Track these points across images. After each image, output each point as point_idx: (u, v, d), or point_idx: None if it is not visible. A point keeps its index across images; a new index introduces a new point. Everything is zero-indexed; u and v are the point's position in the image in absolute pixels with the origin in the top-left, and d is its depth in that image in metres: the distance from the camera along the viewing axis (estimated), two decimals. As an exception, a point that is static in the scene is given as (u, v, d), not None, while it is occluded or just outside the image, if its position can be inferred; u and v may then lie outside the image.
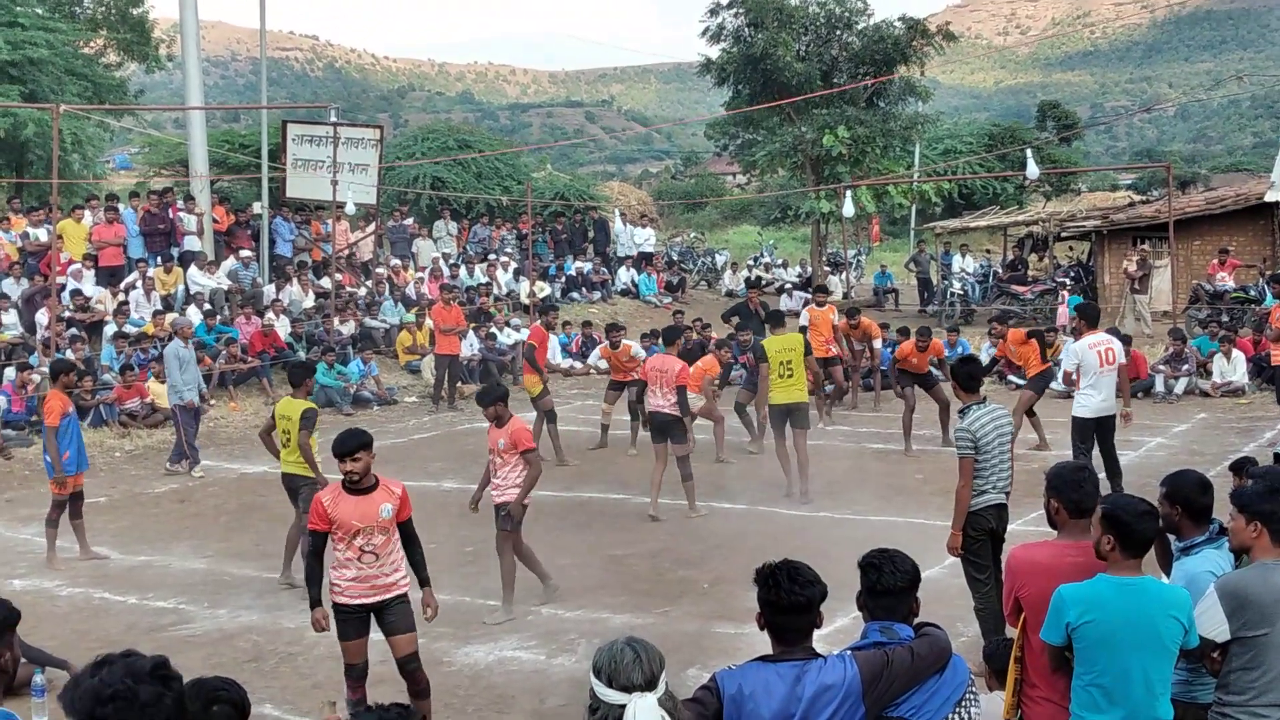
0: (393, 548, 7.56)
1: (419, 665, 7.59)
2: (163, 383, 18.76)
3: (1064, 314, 27.49)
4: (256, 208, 26.55)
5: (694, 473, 13.84)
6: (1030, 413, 16.41)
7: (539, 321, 18.89)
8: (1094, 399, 12.80)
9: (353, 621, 7.56)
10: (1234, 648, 4.93)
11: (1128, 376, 13.47)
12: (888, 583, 4.50)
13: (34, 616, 9.69)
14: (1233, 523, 5.14)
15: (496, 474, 10.31)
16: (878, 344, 21.06)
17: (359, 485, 7.52)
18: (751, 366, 17.58)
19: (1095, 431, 12.88)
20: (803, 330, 19.33)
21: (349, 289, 25.55)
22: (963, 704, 4.38)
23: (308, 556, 7.88)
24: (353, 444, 7.50)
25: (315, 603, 7.67)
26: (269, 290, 24.25)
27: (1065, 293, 28.65)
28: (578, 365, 25.50)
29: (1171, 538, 5.67)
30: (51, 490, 12.66)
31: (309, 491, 10.90)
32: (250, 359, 21.42)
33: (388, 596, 7.54)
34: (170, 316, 21.63)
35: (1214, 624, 4.93)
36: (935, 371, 17.96)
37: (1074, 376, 13.04)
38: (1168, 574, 5.66)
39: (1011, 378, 21.04)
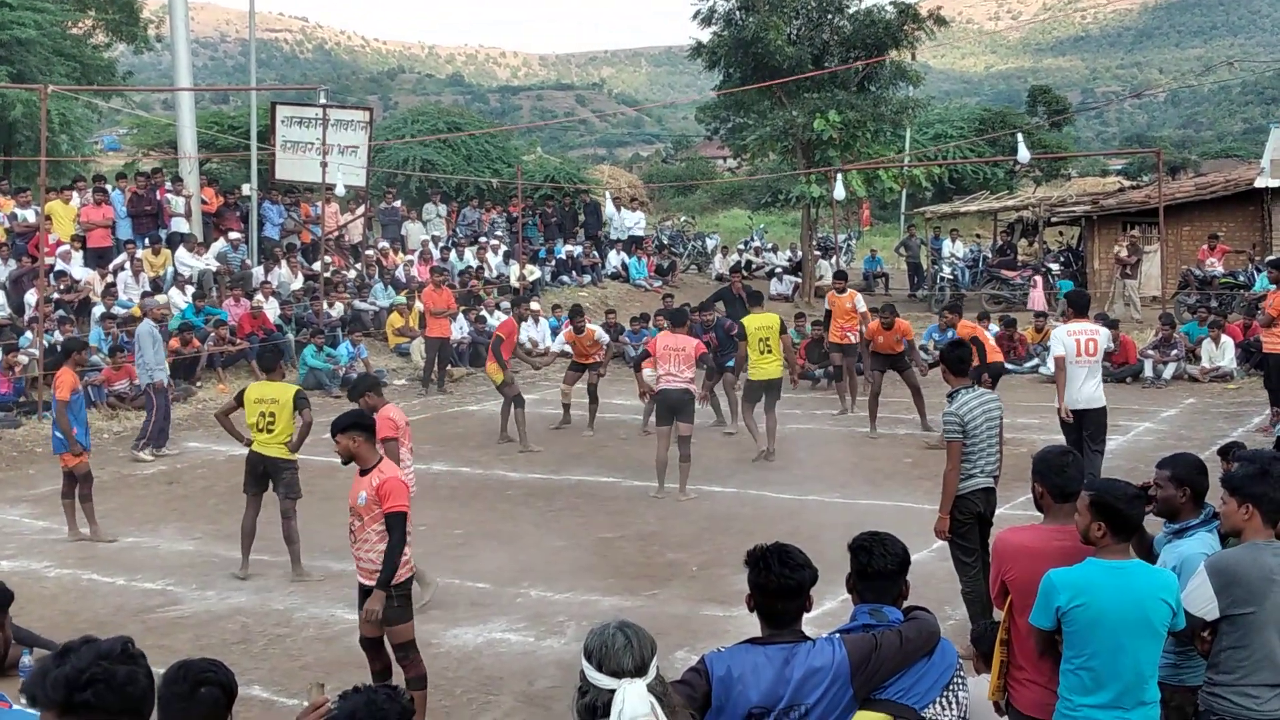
0: (369, 534, 7.50)
1: (406, 656, 7.52)
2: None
3: (1037, 299, 27.57)
4: (245, 189, 26.46)
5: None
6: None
7: (512, 313, 18.97)
8: (1069, 391, 12.21)
9: (360, 595, 7.62)
10: (1223, 626, 4.96)
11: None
12: (878, 566, 4.50)
13: (22, 598, 9.67)
14: (1224, 506, 5.16)
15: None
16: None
17: (359, 465, 7.54)
18: (716, 346, 17.65)
19: (1080, 427, 12.21)
20: (827, 315, 19.45)
21: (339, 270, 25.48)
22: (951, 687, 4.39)
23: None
24: (340, 424, 7.53)
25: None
26: (257, 272, 24.18)
27: (1039, 278, 28.73)
28: (569, 349, 25.46)
29: (1160, 521, 5.68)
30: (63, 465, 12.68)
31: (291, 475, 11.12)
32: (239, 341, 21.36)
33: (368, 583, 7.52)
34: (157, 297, 21.58)
35: (1203, 601, 4.96)
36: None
37: (1061, 362, 12.28)
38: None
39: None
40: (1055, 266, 30.10)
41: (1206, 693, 4.97)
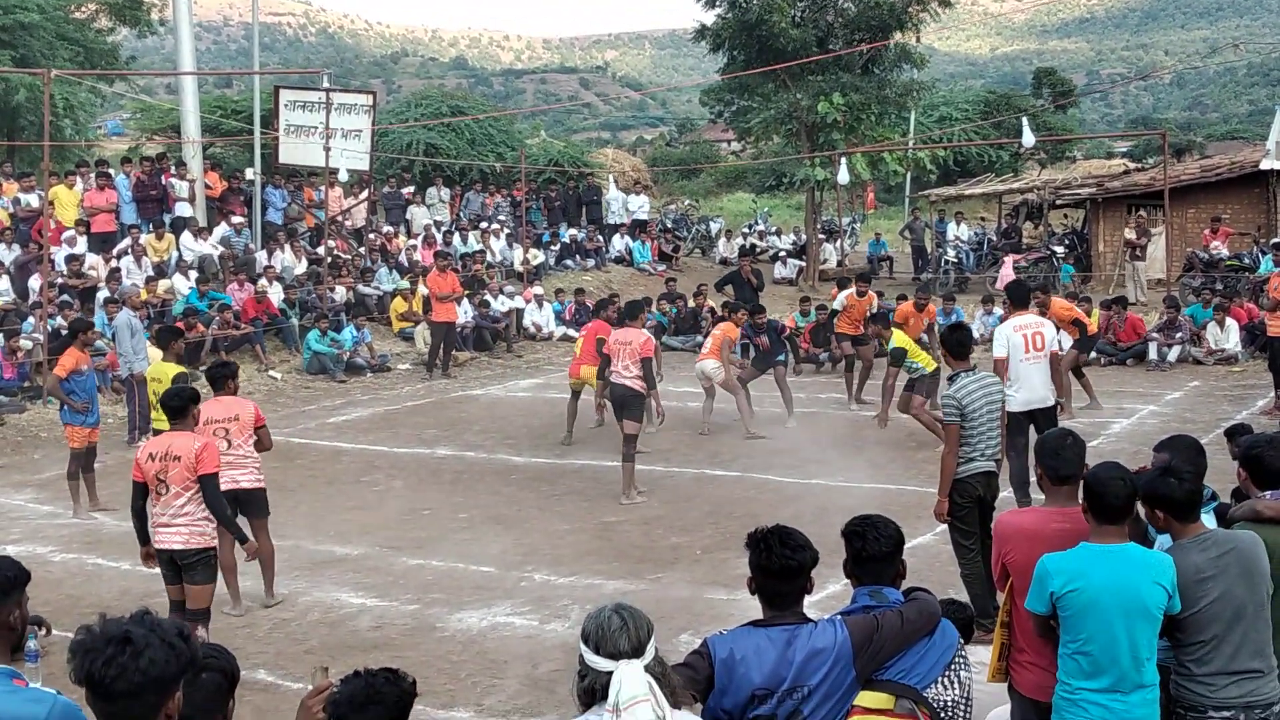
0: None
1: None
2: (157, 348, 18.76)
3: (1006, 278, 27.51)
4: (249, 174, 26.45)
5: (697, 444, 13.86)
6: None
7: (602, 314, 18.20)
8: (1020, 391, 11.06)
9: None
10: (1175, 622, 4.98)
11: (1061, 364, 11.58)
12: (872, 549, 4.52)
13: (27, 582, 9.70)
14: (1145, 512, 5.13)
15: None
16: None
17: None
18: (766, 349, 17.38)
19: (1033, 428, 10.88)
20: (834, 314, 19.45)
21: (343, 254, 25.49)
22: (953, 667, 4.41)
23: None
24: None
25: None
26: (261, 256, 24.19)
27: (1006, 258, 28.71)
28: (571, 333, 25.47)
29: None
30: (69, 444, 12.98)
31: None
32: (243, 325, 21.37)
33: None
34: (160, 282, 21.60)
35: None
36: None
37: (1004, 364, 11.13)
38: None
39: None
40: (1060, 249, 30.05)
41: (1173, 682, 5.00)
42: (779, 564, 4.23)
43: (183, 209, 24.28)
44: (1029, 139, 27.94)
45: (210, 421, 9.48)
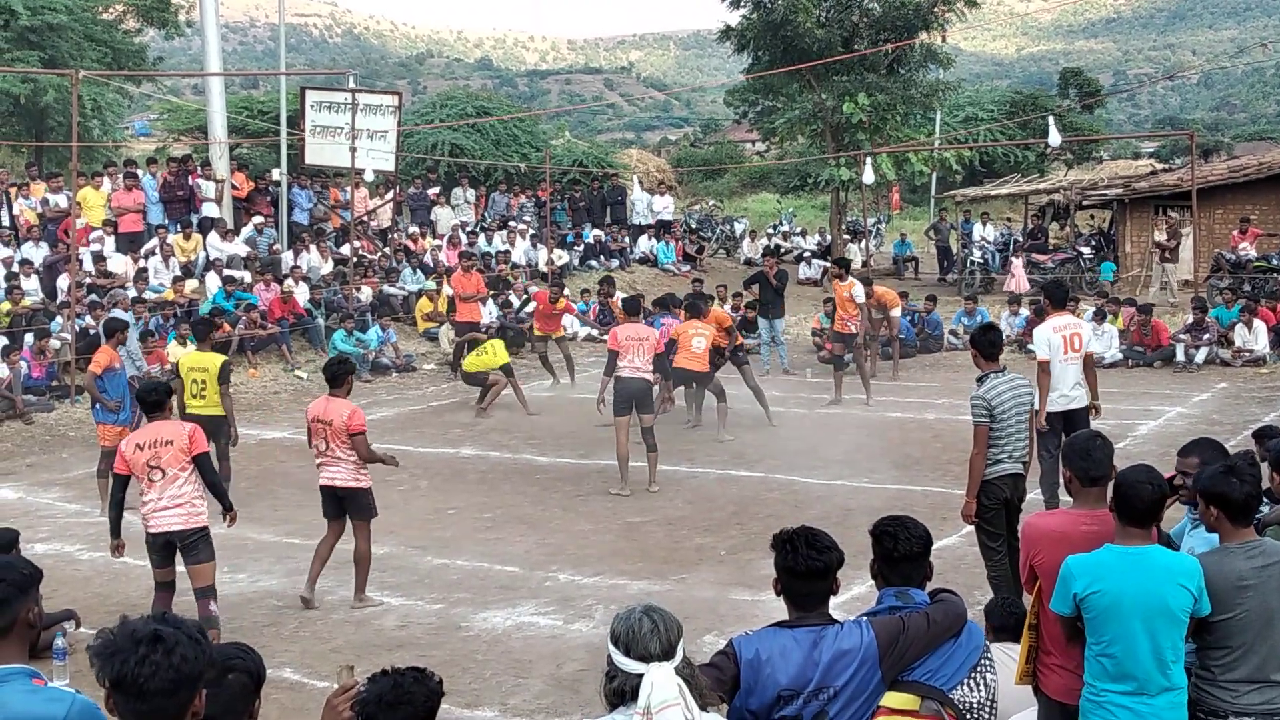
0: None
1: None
2: (185, 347, 18.85)
3: (1019, 283, 27.38)
4: (275, 174, 26.55)
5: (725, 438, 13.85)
6: None
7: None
8: (1056, 390, 11.04)
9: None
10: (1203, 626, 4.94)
11: (1094, 365, 11.48)
12: (904, 550, 4.49)
13: (55, 580, 9.77)
14: (1200, 507, 5.09)
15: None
16: (895, 313, 21.09)
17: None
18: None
19: (1064, 430, 10.70)
20: (829, 302, 19.48)
21: (368, 255, 25.55)
22: (978, 668, 4.39)
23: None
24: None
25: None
26: (287, 257, 24.28)
27: (1015, 259, 28.62)
28: (595, 334, 25.46)
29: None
30: (100, 441, 13.19)
31: (227, 428, 12.74)
32: (269, 325, 21.46)
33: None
34: (184, 284, 21.71)
35: None
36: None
37: (1046, 366, 11.06)
38: None
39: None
40: (1086, 250, 29.90)
41: (1194, 685, 4.96)
42: (805, 565, 4.22)
43: (209, 209, 24.38)
44: (1055, 139, 27.79)
45: (317, 420, 9.71)
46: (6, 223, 22.57)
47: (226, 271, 22.11)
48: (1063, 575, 4.92)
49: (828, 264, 33.17)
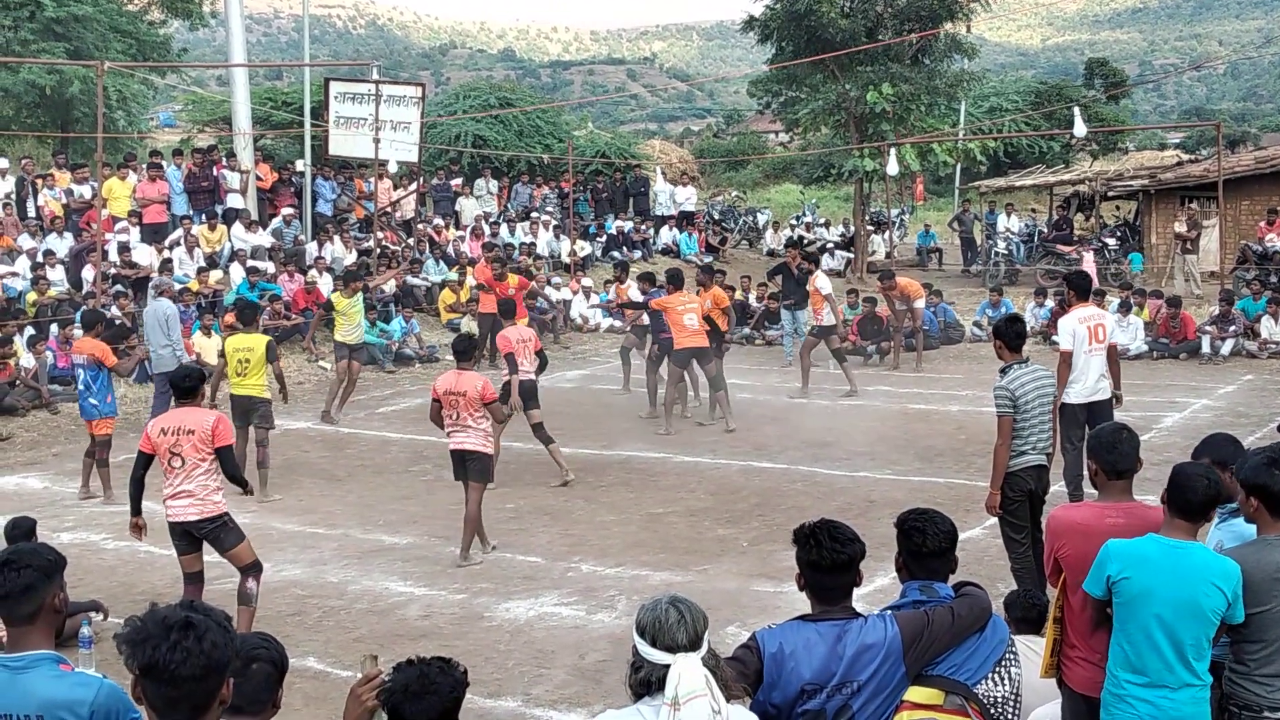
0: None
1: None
2: (209, 337, 18.94)
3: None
4: (299, 165, 26.62)
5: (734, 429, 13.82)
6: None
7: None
8: (1078, 383, 10.97)
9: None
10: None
11: (1117, 356, 11.44)
12: (932, 545, 4.47)
13: (80, 569, 9.82)
14: (1240, 498, 5.07)
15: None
16: (919, 304, 21.04)
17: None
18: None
19: (1087, 421, 10.74)
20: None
21: (392, 246, 25.60)
22: (1003, 663, 4.37)
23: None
24: None
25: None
26: (311, 248, 24.34)
27: (1086, 253, 28.43)
28: (618, 324, 25.45)
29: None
30: (104, 431, 13.35)
31: (265, 409, 13.30)
32: (294, 316, 21.53)
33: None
34: (212, 273, 21.79)
35: None
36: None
37: (1069, 357, 10.97)
38: None
39: None
40: (1112, 241, 29.75)
41: (1227, 678, 4.93)
42: (828, 559, 4.21)
43: (234, 200, 24.45)
44: (1080, 130, 27.67)
45: (450, 393, 10.74)
46: (32, 213, 22.71)
47: (250, 262, 22.17)
48: (1101, 556, 4.90)
49: (850, 255, 33.16)
